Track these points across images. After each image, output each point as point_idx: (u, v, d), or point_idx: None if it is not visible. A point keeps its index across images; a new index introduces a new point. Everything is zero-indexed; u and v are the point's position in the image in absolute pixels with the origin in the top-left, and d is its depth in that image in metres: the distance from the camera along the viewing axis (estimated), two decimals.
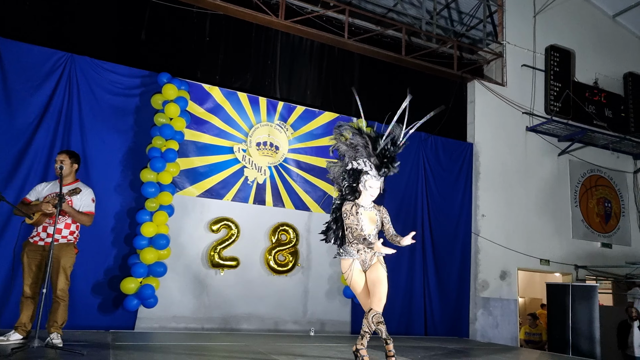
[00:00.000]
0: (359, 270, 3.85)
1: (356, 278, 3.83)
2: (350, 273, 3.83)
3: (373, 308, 3.70)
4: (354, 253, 3.84)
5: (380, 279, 3.76)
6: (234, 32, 6.89)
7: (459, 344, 6.23)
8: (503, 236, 8.06)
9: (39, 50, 5.53)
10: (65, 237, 4.15)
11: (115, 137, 5.80)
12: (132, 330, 5.46)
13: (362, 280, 3.85)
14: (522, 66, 8.89)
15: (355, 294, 3.94)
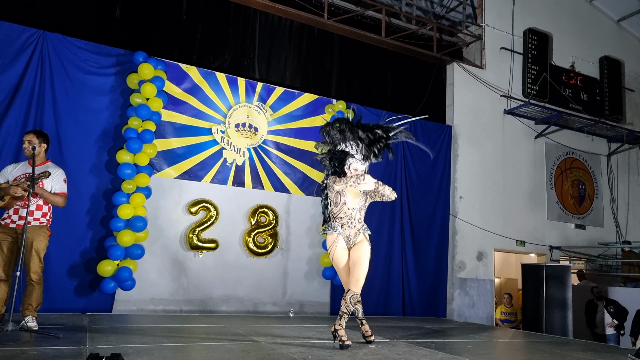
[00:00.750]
0: (343, 248, 3.88)
1: (339, 254, 3.86)
2: (333, 248, 3.87)
3: (351, 289, 3.76)
4: (338, 228, 3.87)
5: (361, 259, 3.81)
6: (212, 11, 6.74)
7: (436, 324, 6.37)
8: (480, 218, 8.20)
9: (10, 27, 5.34)
10: (37, 219, 4.08)
11: (89, 117, 5.67)
12: (110, 313, 5.43)
13: (345, 258, 3.87)
14: (501, 49, 8.94)
15: (337, 270, 3.97)
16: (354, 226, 3.89)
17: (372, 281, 7.07)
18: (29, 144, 4.08)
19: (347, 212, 3.90)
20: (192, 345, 3.72)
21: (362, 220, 3.96)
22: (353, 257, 3.84)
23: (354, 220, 3.91)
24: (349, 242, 3.90)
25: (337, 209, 3.90)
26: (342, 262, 3.89)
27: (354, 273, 3.79)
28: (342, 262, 3.89)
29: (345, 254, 3.88)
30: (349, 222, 3.90)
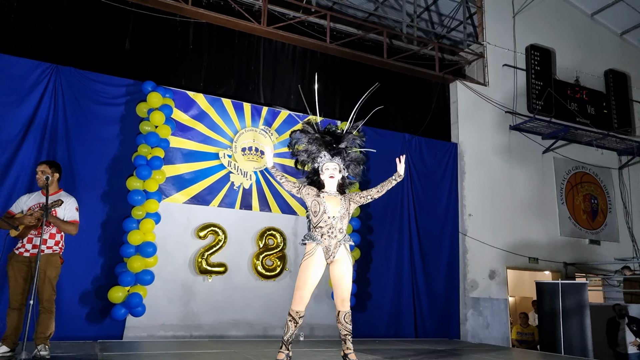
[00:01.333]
0: (320, 260, 3.63)
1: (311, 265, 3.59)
2: (307, 258, 3.62)
3: (341, 310, 3.69)
4: (318, 238, 3.65)
5: (345, 278, 3.64)
6: (217, 40, 6.95)
7: (449, 345, 6.26)
8: (490, 235, 8.13)
9: (24, 62, 5.56)
10: (50, 247, 4.15)
11: (101, 146, 5.82)
12: (121, 340, 5.45)
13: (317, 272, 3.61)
14: (504, 66, 9.02)
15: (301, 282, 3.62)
16: (334, 236, 3.65)
17: (382, 302, 7.02)
18: (42, 174, 4.19)
19: (327, 221, 3.67)
20: None
21: (344, 230, 3.71)
22: (337, 275, 3.65)
23: (334, 229, 3.66)
24: (327, 253, 3.65)
25: (316, 218, 3.69)
26: (308, 273, 3.58)
27: (339, 293, 3.65)
28: (308, 273, 3.58)
29: (319, 268, 3.60)
30: (329, 231, 3.65)
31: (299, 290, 3.62)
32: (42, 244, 3.94)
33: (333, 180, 3.83)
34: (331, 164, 3.85)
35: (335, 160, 3.88)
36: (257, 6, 7.20)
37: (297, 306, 3.61)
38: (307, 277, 3.60)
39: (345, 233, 3.72)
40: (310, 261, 3.62)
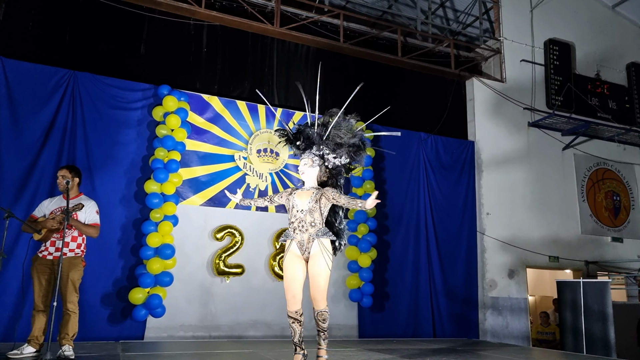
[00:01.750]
0: (295, 255, 3.58)
1: (288, 261, 3.58)
2: (285, 256, 3.61)
3: (314, 308, 3.56)
4: (291, 233, 3.61)
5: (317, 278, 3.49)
6: (231, 42, 6.99)
7: (468, 346, 6.20)
8: (509, 234, 8.02)
9: (43, 69, 5.67)
10: (72, 250, 4.24)
11: (118, 150, 5.91)
12: (142, 341, 5.54)
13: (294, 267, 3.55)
14: (521, 61, 8.87)
15: (284, 281, 3.63)
16: (305, 230, 3.54)
17: (400, 302, 6.99)
18: (63, 178, 4.28)
19: (297, 216, 3.59)
20: None
21: (317, 223, 3.55)
22: (310, 273, 3.53)
23: (304, 223, 3.55)
24: (302, 249, 3.56)
25: (289, 215, 3.67)
26: (288, 271, 3.56)
27: (311, 292, 3.53)
28: (288, 271, 3.56)
29: (296, 263, 3.55)
30: (299, 225, 3.57)
31: (287, 291, 3.59)
32: (64, 247, 4.03)
33: (305, 176, 3.74)
34: (302, 161, 3.76)
35: (308, 154, 3.75)
36: (270, 7, 7.22)
37: (291, 307, 3.57)
38: (287, 275, 3.58)
39: (318, 226, 3.56)
40: (287, 259, 3.60)
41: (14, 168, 5.35)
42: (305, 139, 3.74)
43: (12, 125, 5.44)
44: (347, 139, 3.76)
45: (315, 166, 3.72)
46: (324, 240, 3.54)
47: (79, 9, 6.20)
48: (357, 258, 6.75)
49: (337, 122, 3.79)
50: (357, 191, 7.04)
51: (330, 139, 3.72)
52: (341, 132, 3.75)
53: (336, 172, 3.81)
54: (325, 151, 3.73)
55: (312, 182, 3.73)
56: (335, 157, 3.74)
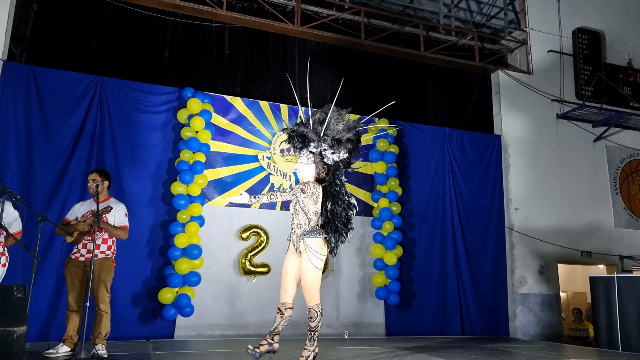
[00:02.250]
0: (291, 252, 3.81)
1: (285, 258, 3.84)
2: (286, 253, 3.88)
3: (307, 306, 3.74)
4: (290, 233, 3.85)
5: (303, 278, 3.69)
6: (252, 43, 7.03)
7: (498, 343, 6.10)
8: (539, 229, 7.83)
9: (71, 76, 5.82)
10: (103, 252, 4.35)
11: (145, 153, 6.02)
12: (172, 339, 5.64)
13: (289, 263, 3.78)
14: (549, 52, 8.63)
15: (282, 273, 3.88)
16: (294, 232, 3.78)
17: (427, 299, 6.92)
18: (93, 182, 4.39)
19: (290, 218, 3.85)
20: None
21: (302, 224, 3.70)
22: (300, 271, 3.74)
23: (293, 225, 3.79)
24: (295, 246, 3.78)
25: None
26: (284, 267, 3.83)
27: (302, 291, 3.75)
28: (284, 267, 3.83)
29: (290, 260, 3.79)
30: (291, 227, 3.83)
31: (281, 284, 3.85)
32: (95, 249, 4.14)
33: (300, 174, 3.86)
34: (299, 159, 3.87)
35: (304, 152, 3.83)
36: (290, 6, 7.22)
37: (281, 298, 3.80)
38: (283, 270, 3.85)
39: (303, 227, 3.69)
40: (285, 257, 3.87)
41: (46, 173, 5.52)
42: (301, 137, 3.81)
43: (44, 132, 5.61)
44: (345, 134, 3.82)
45: (310, 164, 3.78)
46: (308, 240, 3.66)
47: (104, 16, 6.34)
48: (382, 256, 6.71)
49: (334, 118, 3.84)
50: (381, 188, 7.00)
51: (329, 135, 3.78)
52: (339, 127, 3.81)
53: (335, 167, 3.83)
54: (324, 147, 3.76)
55: (305, 180, 3.81)
56: (333, 152, 3.78)
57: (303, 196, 3.68)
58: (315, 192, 3.71)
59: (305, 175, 3.82)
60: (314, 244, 3.66)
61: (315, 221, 3.71)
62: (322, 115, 3.87)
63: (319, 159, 3.79)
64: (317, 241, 3.67)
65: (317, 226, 3.71)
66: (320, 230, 3.70)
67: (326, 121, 3.79)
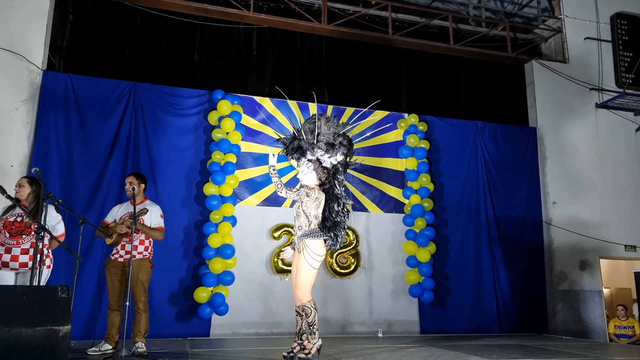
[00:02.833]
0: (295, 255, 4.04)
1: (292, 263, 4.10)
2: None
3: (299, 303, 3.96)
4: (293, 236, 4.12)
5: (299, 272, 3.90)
6: (280, 43, 7.08)
7: (538, 341, 5.94)
8: (579, 223, 7.56)
9: (107, 83, 6.01)
10: (141, 252, 4.47)
11: (178, 155, 6.15)
12: (208, 337, 5.75)
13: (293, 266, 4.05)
14: (585, 39, 8.31)
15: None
16: (295, 233, 4.02)
17: (462, 297, 6.81)
18: (130, 185, 4.52)
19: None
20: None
21: (303, 226, 3.92)
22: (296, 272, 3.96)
23: (295, 228, 4.02)
24: (297, 249, 4.00)
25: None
26: (292, 272, 4.12)
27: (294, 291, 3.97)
28: (292, 272, 4.12)
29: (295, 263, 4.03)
30: (293, 229, 4.09)
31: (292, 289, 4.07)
32: (133, 250, 4.26)
33: (303, 183, 4.08)
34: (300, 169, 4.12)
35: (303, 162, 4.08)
36: (317, 5, 7.22)
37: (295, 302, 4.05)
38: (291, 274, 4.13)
39: (304, 229, 3.92)
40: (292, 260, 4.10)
41: (86, 177, 5.72)
42: (297, 150, 4.09)
43: (82, 137, 5.81)
44: (338, 138, 4.06)
45: (311, 171, 4.02)
46: (307, 241, 3.88)
47: (136, 24, 6.53)
48: (415, 253, 6.64)
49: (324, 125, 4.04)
50: (412, 185, 6.92)
51: (321, 141, 4.00)
52: (330, 132, 4.03)
53: (334, 170, 4.06)
54: (319, 153, 4.01)
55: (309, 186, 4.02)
56: (330, 156, 4.03)
57: (307, 199, 3.91)
58: (319, 198, 3.94)
59: (308, 182, 4.04)
60: (313, 245, 3.87)
61: (316, 224, 3.92)
62: (311, 125, 4.05)
63: (317, 165, 4.01)
64: (316, 242, 3.89)
65: (317, 228, 3.92)
66: (319, 232, 3.91)
67: (316, 129, 3.99)
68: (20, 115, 5.58)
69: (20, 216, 4.02)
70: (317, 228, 3.91)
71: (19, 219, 4.01)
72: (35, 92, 5.69)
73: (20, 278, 3.93)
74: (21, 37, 5.73)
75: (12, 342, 2.80)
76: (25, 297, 2.95)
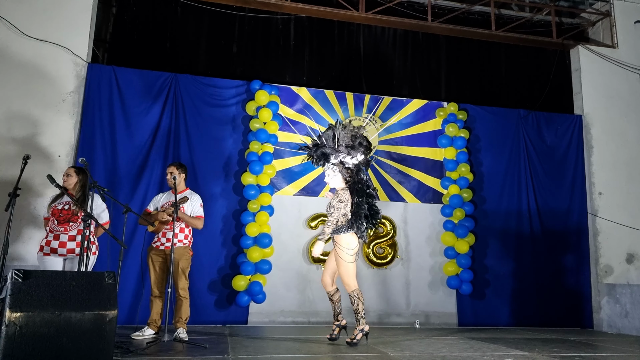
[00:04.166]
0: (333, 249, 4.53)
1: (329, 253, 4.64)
2: None
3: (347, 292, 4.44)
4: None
5: (339, 266, 4.40)
6: (317, 32, 7.03)
7: (581, 336, 5.76)
8: (627, 215, 7.23)
9: (149, 74, 6.11)
10: (181, 240, 4.59)
11: (217, 145, 6.22)
12: (246, 325, 5.84)
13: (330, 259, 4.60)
14: (636, 22, 7.86)
15: None
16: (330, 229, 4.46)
17: (502, 289, 6.67)
18: (171, 175, 4.63)
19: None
20: (323, 356, 3.86)
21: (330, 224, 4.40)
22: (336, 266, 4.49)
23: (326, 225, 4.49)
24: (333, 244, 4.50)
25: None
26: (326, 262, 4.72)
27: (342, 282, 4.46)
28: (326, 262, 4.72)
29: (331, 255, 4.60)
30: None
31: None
32: (174, 238, 4.37)
33: (331, 185, 4.58)
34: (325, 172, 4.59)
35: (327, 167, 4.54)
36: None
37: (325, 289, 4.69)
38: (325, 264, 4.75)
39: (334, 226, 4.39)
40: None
41: (129, 167, 5.87)
42: (321, 157, 4.54)
43: (126, 128, 5.95)
44: (356, 140, 4.50)
45: (337, 173, 4.49)
46: (336, 237, 4.39)
47: (176, 16, 6.62)
48: (453, 244, 6.52)
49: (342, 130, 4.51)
50: (451, 175, 6.79)
51: (341, 146, 4.45)
52: (349, 136, 4.49)
53: (357, 169, 4.53)
54: (342, 156, 4.46)
55: (337, 187, 4.50)
56: (352, 157, 4.48)
57: (340, 205, 4.37)
58: (346, 199, 4.41)
59: (335, 184, 4.52)
60: (341, 240, 4.34)
61: (343, 221, 4.39)
62: (330, 132, 4.55)
63: (341, 167, 4.49)
64: (345, 237, 4.35)
65: (344, 225, 4.37)
66: (346, 227, 4.37)
67: (336, 135, 4.48)
68: (67, 106, 5.77)
69: (67, 204, 4.17)
70: (344, 224, 4.36)
71: (66, 207, 4.16)
72: (80, 84, 5.86)
73: (68, 264, 4.08)
74: (67, 30, 5.91)
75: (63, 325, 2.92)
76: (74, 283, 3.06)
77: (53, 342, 2.88)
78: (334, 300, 4.52)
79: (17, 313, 2.83)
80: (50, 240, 4.08)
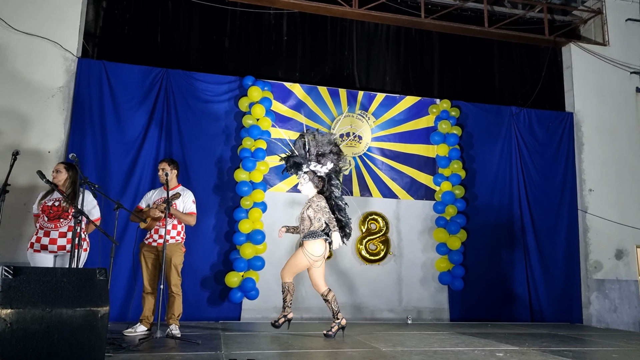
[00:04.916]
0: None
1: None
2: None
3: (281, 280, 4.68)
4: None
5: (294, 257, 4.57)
6: (310, 28, 7.01)
7: (571, 330, 5.82)
8: (616, 211, 7.32)
9: (139, 69, 6.06)
10: (173, 237, 4.55)
11: (209, 141, 6.19)
12: (239, 321, 5.84)
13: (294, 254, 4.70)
14: (627, 20, 7.94)
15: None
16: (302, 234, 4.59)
17: (494, 285, 6.72)
18: (163, 171, 4.59)
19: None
20: (316, 352, 3.86)
21: (305, 229, 4.50)
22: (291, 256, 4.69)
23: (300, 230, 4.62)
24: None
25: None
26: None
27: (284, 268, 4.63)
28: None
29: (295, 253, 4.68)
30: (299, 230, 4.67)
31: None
32: (166, 235, 4.33)
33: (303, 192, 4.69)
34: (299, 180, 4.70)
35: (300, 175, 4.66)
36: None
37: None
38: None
39: (305, 231, 4.49)
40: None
41: (120, 163, 5.81)
42: (293, 166, 4.70)
43: (116, 124, 5.89)
44: (327, 147, 4.61)
45: (307, 181, 4.58)
46: (305, 241, 4.47)
47: (167, 10, 6.56)
48: (445, 240, 6.56)
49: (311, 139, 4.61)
50: (443, 172, 6.82)
51: (312, 154, 4.57)
52: (321, 145, 4.60)
53: (328, 177, 4.65)
54: (312, 165, 4.57)
55: (309, 195, 4.60)
56: (322, 166, 4.59)
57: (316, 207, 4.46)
58: (320, 203, 4.48)
59: (307, 192, 4.62)
60: (309, 245, 4.42)
61: (317, 227, 4.44)
62: (301, 141, 4.67)
63: (312, 175, 4.58)
64: (314, 242, 4.42)
65: (317, 230, 4.43)
66: (319, 233, 4.42)
67: (306, 144, 4.60)
68: (57, 102, 5.70)
69: (58, 201, 4.13)
70: (317, 230, 4.42)
71: (56, 204, 4.12)
72: (70, 79, 5.79)
73: (58, 260, 4.05)
74: (56, 24, 5.83)
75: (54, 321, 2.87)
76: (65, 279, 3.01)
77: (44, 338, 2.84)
78: (329, 300, 4.55)
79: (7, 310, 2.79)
80: (40, 237, 4.04)
